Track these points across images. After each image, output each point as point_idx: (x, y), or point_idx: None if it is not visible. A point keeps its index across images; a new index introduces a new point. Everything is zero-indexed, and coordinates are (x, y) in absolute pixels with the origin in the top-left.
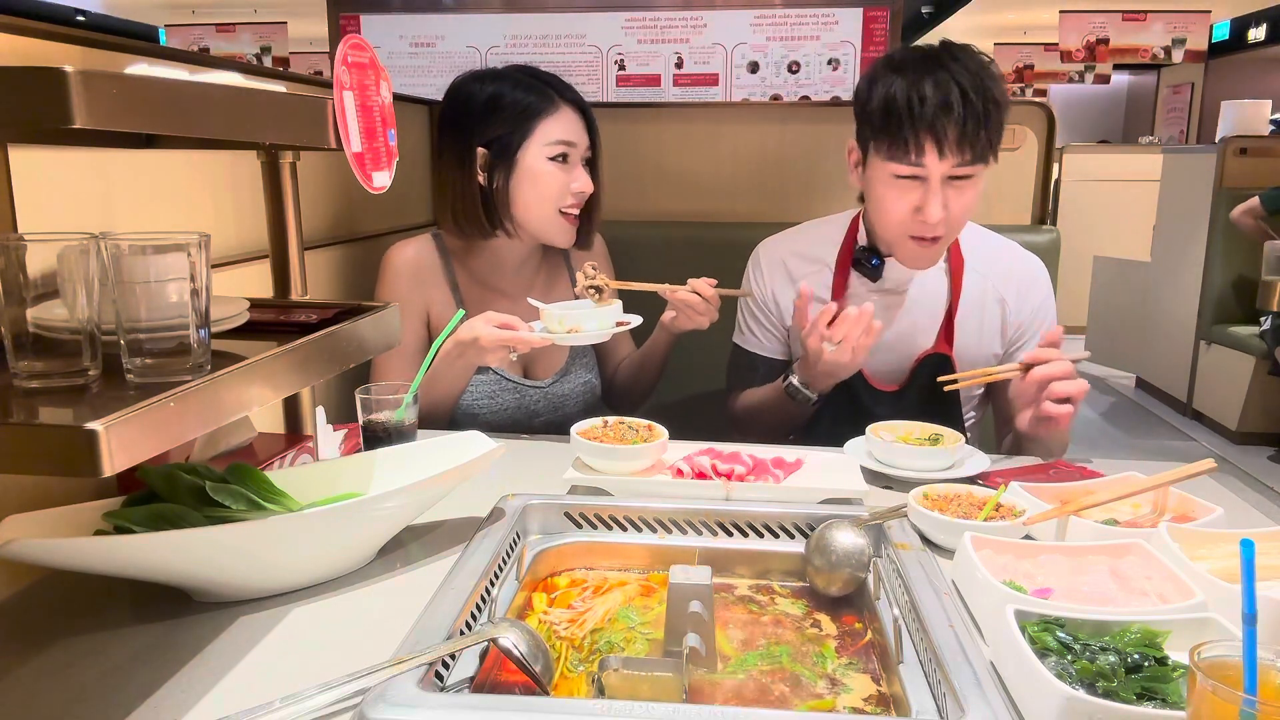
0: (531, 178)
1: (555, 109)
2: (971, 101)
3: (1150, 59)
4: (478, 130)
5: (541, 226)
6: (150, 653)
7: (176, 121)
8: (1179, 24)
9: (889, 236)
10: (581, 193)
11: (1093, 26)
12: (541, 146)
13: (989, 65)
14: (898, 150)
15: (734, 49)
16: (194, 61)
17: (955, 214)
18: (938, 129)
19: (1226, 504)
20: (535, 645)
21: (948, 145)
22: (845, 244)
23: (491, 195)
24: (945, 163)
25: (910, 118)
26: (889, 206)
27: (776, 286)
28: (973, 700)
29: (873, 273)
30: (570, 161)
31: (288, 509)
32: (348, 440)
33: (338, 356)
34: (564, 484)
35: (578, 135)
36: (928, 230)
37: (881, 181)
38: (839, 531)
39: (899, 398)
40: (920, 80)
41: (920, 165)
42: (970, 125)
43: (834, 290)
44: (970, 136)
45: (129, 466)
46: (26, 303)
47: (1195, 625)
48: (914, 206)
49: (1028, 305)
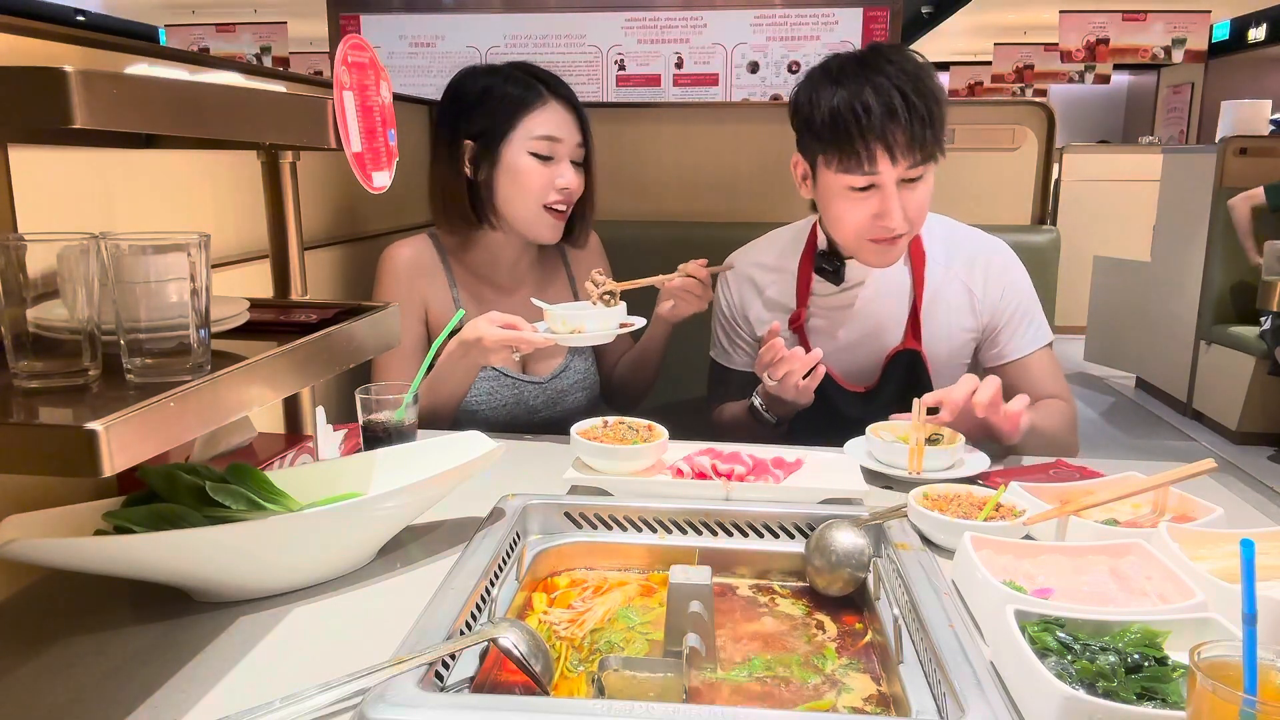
0: (513, 172)
1: (542, 104)
2: (914, 104)
3: (1150, 59)
4: (466, 123)
5: (525, 221)
6: (150, 653)
7: (176, 121)
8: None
9: (849, 244)
10: (566, 189)
11: (1093, 26)
12: (525, 141)
13: (924, 64)
14: (850, 162)
15: (734, 49)
16: (194, 61)
17: (913, 212)
18: (887, 137)
19: (1226, 504)
20: (535, 645)
21: (898, 150)
22: (806, 250)
23: (478, 188)
24: (898, 168)
25: (859, 129)
26: (846, 218)
27: (745, 299)
28: (973, 700)
29: (834, 277)
30: (557, 158)
31: (288, 509)
32: (348, 440)
33: (338, 356)
34: (564, 484)
35: (565, 132)
36: (889, 233)
37: (836, 195)
38: (839, 531)
39: (872, 397)
40: (860, 89)
41: (875, 174)
42: (917, 127)
43: (798, 296)
44: (919, 138)
45: (129, 466)
46: (26, 303)
47: (1195, 625)
48: (872, 214)
49: (995, 289)
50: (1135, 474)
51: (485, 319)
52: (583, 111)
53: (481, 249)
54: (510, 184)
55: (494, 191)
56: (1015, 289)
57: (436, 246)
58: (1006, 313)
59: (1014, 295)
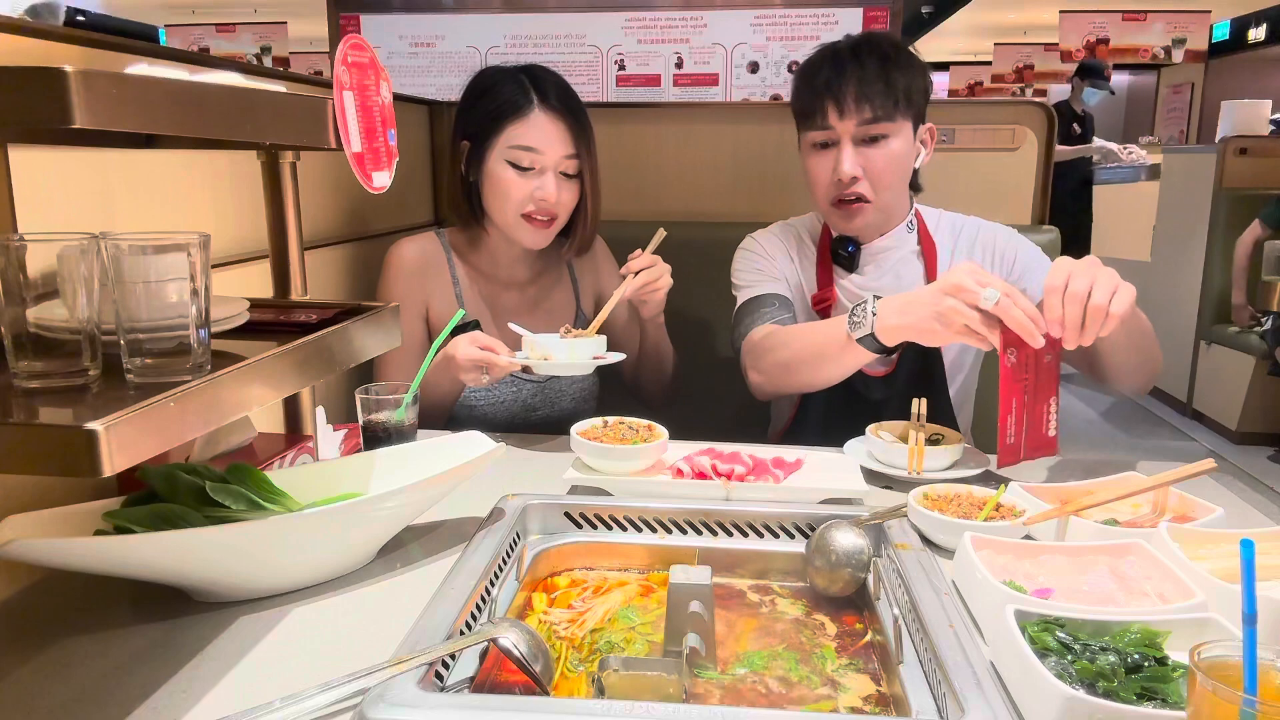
0: (492, 180)
1: (526, 114)
2: (866, 62)
3: (1150, 59)
4: (464, 123)
5: (507, 227)
6: (150, 653)
7: (176, 121)
8: (1179, 24)
9: (821, 210)
10: (544, 201)
11: (1093, 26)
12: (504, 149)
13: (891, 38)
14: (808, 120)
15: (734, 49)
16: (194, 61)
17: (875, 173)
18: (834, 89)
19: (1226, 504)
20: (535, 645)
21: (848, 103)
22: (822, 238)
23: (470, 188)
24: (849, 121)
25: (810, 86)
26: (814, 176)
27: (777, 253)
28: (973, 700)
29: (848, 261)
30: (539, 169)
31: (288, 509)
32: (348, 440)
33: (338, 356)
34: (564, 484)
35: (547, 144)
36: (844, 190)
37: (807, 156)
38: (839, 532)
39: (889, 382)
40: (825, 58)
41: (829, 128)
42: (867, 84)
43: (819, 281)
44: (867, 94)
45: (129, 466)
46: (26, 303)
47: (1195, 625)
48: (829, 169)
49: (1007, 259)
50: (1135, 474)
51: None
52: (579, 121)
53: (485, 248)
54: (489, 190)
55: (481, 194)
56: (1023, 249)
57: (443, 245)
58: (1019, 269)
59: (1024, 255)
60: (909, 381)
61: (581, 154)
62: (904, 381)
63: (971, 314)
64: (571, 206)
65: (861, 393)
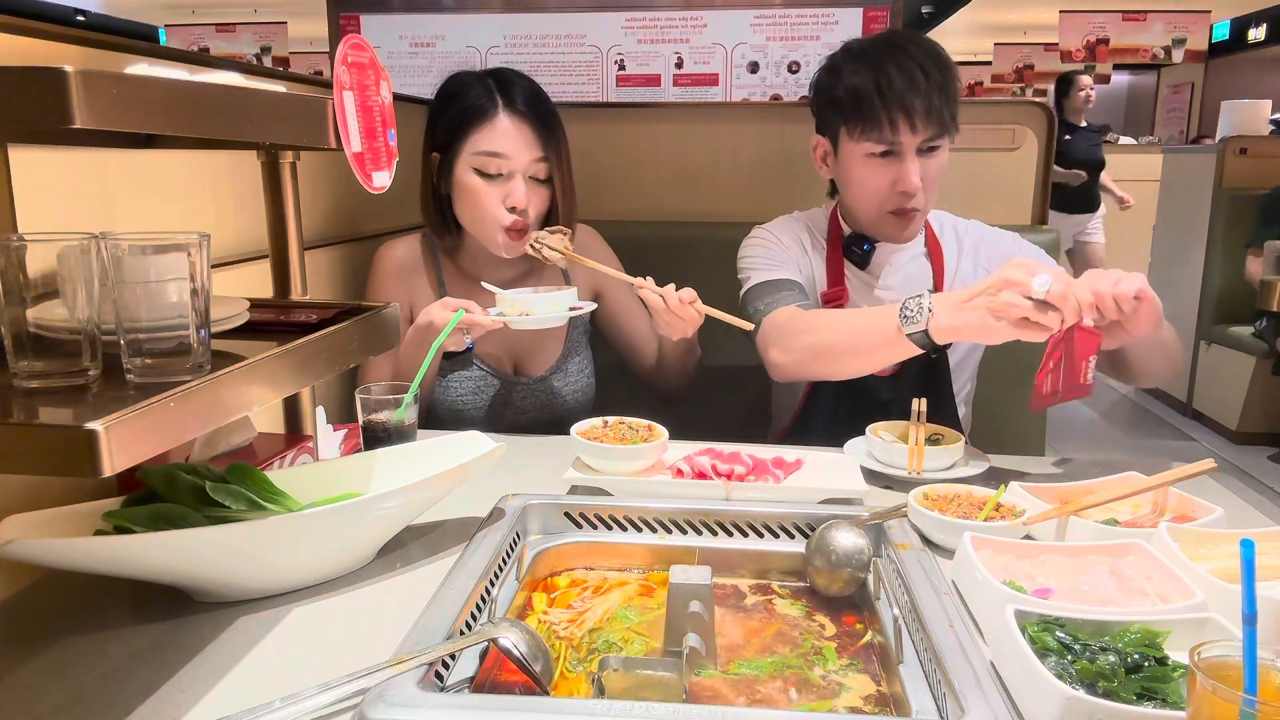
0: (461, 189)
1: (490, 119)
2: (933, 76)
3: (1150, 59)
4: (431, 134)
5: (485, 240)
6: (150, 653)
7: (176, 121)
8: (1179, 24)
9: (869, 217)
10: (514, 208)
11: (1093, 26)
12: (469, 157)
13: (939, 48)
14: (871, 129)
15: (734, 49)
16: (194, 61)
17: (930, 182)
18: (907, 105)
19: (1226, 504)
20: (535, 645)
21: (918, 118)
22: (831, 234)
23: (444, 201)
24: (917, 136)
25: (881, 98)
26: (868, 184)
27: (791, 243)
28: (973, 700)
29: (863, 259)
30: (506, 174)
31: (288, 509)
32: (348, 440)
33: (338, 356)
34: (564, 484)
35: (513, 148)
36: (906, 201)
37: (857, 163)
38: (839, 532)
39: (896, 381)
40: (883, 64)
41: (895, 141)
42: (935, 99)
43: (830, 277)
44: (936, 110)
45: (129, 466)
46: (26, 303)
47: (1195, 625)
48: (890, 180)
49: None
50: (1135, 474)
51: (439, 304)
52: (547, 124)
53: (468, 251)
54: (459, 200)
55: (454, 205)
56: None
57: (429, 247)
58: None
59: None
60: (915, 382)
61: (550, 157)
62: (910, 382)
63: (1025, 304)
64: (543, 211)
65: (868, 393)
